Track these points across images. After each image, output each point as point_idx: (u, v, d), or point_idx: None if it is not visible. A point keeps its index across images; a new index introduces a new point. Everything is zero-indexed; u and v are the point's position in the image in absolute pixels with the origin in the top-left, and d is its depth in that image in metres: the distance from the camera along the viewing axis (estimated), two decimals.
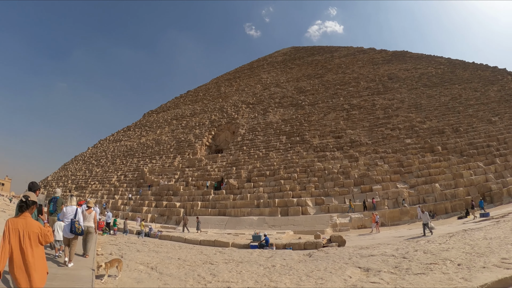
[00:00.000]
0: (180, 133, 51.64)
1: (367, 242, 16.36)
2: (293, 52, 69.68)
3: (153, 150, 50.75)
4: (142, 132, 61.26)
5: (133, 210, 36.93)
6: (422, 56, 52.14)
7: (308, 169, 34.05)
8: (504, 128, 29.65)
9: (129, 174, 47.07)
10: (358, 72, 53.19)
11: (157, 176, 41.65)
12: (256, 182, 34.50)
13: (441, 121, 34.96)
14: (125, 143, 59.85)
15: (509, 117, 30.57)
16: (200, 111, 56.27)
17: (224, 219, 29.88)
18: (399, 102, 41.68)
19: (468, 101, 35.92)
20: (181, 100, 67.47)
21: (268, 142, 41.13)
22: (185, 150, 45.39)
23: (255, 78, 61.29)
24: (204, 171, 38.97)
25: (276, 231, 24.73)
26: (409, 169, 30.16)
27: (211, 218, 30.58)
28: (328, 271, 8.35)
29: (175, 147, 47.74)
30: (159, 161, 46.43)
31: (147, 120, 66.34)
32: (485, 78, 39.18)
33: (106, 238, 18.31)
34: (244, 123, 46.23)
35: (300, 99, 49.46)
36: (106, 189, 46.05)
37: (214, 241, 19.51)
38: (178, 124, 55.65)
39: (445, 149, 31.01)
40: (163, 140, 52.41)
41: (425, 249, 10.29)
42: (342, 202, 28.88)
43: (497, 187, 24.38)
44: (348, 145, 36.26)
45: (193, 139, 47.37)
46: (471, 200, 24.07)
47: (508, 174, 25.14)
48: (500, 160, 26.78)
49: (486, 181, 25.68)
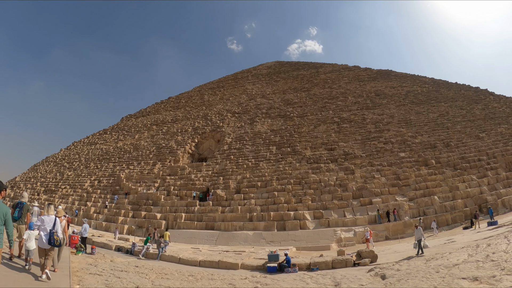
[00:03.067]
0: (161, 139, 50.02)
1: (395, 256, 16.23)
2: (277, 66, 71.75)
3: (130, 155, 48.88)
4: (120, 136, 59.55)
5: (108, 219, 34.40)
6: (406, 75, 56.16)
7: (302, 180, 34.19)
8: (492, 143, 32.36)
9: (103, 179, 44.75)
10: (345, 88, 55.68)
11: (135, 183, 39.54)
12: (246, 194, 33.88)
13: (432, 136, 37.29)
14: (100, 147, 57.95)
15: (495, 133, 33.54)
16: (183, 118, 55.24)
17: (214, 233, 28.59)
18: (389, 117, 43.98)
19: (456, 118, 38.92)
20: (162, 106, 66.40)
21: (257, 152, 40.98)
22: (166, 157, 43.80)
23: (240, 89, 61.85)
24: (187, 180, 37.60)
25: (277, 248, 23.99)
26: (406, 182, 31.43)
27: (199, 233, 29.16)
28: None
29: (155, 153, 45.98)
30: (137, 167, 44.53)
31: (125, 124, 64.61)
32: (469, 97, 42.97)
33: (83, 261, 14.02)
34: (230, 132, 45.88)
35: (288, 110, 50.40)
36: (78, 195, 43.45)
37: (218, 262, 17.21)
38: (158, 130, 54.08)
39: (439, 162, 32.91)
40: (142, 145, 50.48)
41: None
42: (341, 216, 29.06)
43: (492, 198, 26.20)
44: (342, 157, 37.15)
45: (175, 145, 45.96)
46: (476, 209, 25.61)
47: (500, 186, 27.21)
48: (492, 173, 28.97)
49: (481, 193, 27.50)
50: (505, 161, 29.29)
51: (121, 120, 69.78)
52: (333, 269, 14.86)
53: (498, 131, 33.93)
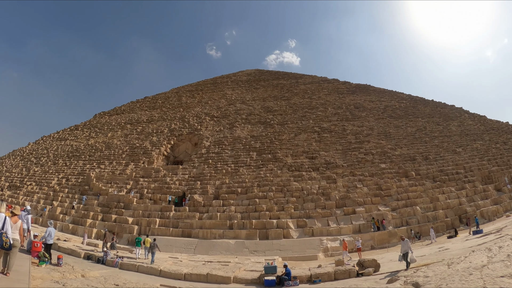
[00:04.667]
0: (135, 138, 47.45)
1: (395, 264, 15.79)
2: (257, 74, 71.89)
3: (102, 154, 46.05)
4: (91, 133, 56.33)
5: (75, 221, 31.47)
6: (384, 90, 58.44)
7: (284, 188, 33.62)
8: (468, 158, 34.04)
9: (72, 178, 41.61)
10: (324, 99, 56.66)
11: (105, 184, 36.79)
12: (226, 200, 32.60)
13: (411, 149, 38.55)
14: (71, 143, 54.42)
15: (471, 149, 35.39)
16: (159, 118, 53.08)
17: (192, 241, 26.86)
18: (369, 129, 45.07)
19: (433, 133, 40.72)
20: (138, 105, 63.76)
21: (237, 157, 39.97)
22: (140, 158, 41.41)
23: (219, 93, 60.91)
24: (162, 183, 35.58)
25: (263, 258, 22.88)
26: (388, 193, 31.90)
27: (175, 240, 27.26)
28: None
29: (128, 153, 43.39)
30: (108, 166, 41.78)
31: (98, 121, 61.29)
32: (445, 114, 45.38)
33: (47, 276, 11.06)
34: (208, 135, 44.54)
35: (268, 117, 50.13)
36: (44, 193, 39.97)
37: (207, 275, 15.56)
38: (132, 129, 51.45)
39: (419, 174, 33.91)
40: (115, 144, 47.61)
41: None
42: (325, 225, 28.66)
43: (472, 209, 27.27)
44: (323, 166, 37.16)
45: (149, 146, 43.70)
46: (466, 217, 26.35)
47: (478, 198, 28.44)
48: (470, 186, 30.28)
49: (460, 204, 28.54)
50: (481, 175, 30.79)
51: (94, 117, 66.64)
52: (336, 281, 14.25)
53: (474, 147, 35.87)
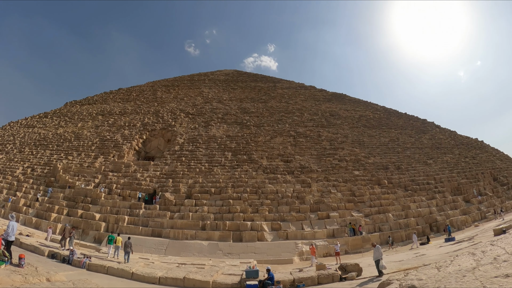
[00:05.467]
0: (106, 130, 44.59)
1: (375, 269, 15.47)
2: (235, 75, 71.10)
3: (71, 145, 42.97)
4: (61, 122, 52.56)
5: (39, 215, 28.75)
6: (359, 100, 59.94)
7: (259, 190, 32.96)
8: (439, 170, 35.39)
9: (38, 168, 38.38)
10: (301, 105, 57.02)
11: (72, 176, 34.06)
12: (198, 200, 31.28)
13: (384, 158, 39.47)
14: (39, 131, 50.41)
15: (441, 161, 36.89)
16: (132, 111, 50.42)
17: (163, 241, 25.27)
18: (343, 137, 45.74)
19: (405, 144, 42.07)
20: (111, 96, 60.39)
21: (211, 157, 38.74)
22: (110, 151, 38.86)
23: (195, 90, 59.23)
24: (132, 178, 33.52)
25: (238, 261, 21.88)
26: (361, 199, 32.23)
27: (145, 240, 25.50)
28: None
29: (98, 145, 40.65)
30: (76, 158, 38.90)
31: (68, 110, 57.29)
32: (417, 128, 47.20)
33: (6, 279, 9.39)
34: (182, 132, 42.87)
35: (245, 118, 49.41)
36: (7, 182, 36.53)
37: (184, 280, 14.25)
38: (104, 121, 48.42)
39: (391, 183, 34.68)
40: (85, 135, 44.53)
41: None
42: (300, 228, 28.34)
43: (442, 218, 28.17)
44: (298, 170, 37.00)
45: (120, 140, 41.17)
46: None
47: (448, 208, 29.48)
48: (440, 196, 31.37)
49: (430, 213, 29.44)
50: (451, 186, 32.07)
51: (65, 105, 62.62)
52: (319, 285, 13.66)
53: (444, 160, 37.44)
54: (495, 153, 47.50)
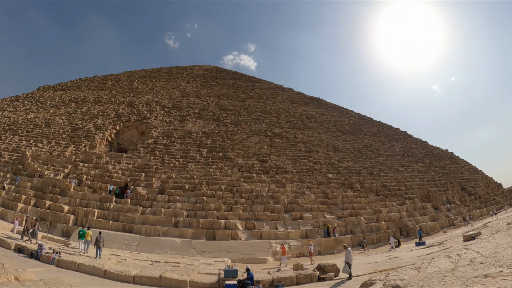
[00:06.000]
0: (78, 119, 41.91)
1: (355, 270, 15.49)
2: (214, 71, 70.01)
3: (41, 131, 39.84)
4: (32, 107, 48.67)
5: (4, 204, 26.41)
6: (335, 106, 61.13)
7: (234, 188, 32.47)
8: (410, 177, 36.73)
9: (5, 154, 35.20)
10: (278, 106, 57.17)
11: (41, 165, 31.59)
12: (171, 195, 30.24)
13: (357, 163, 40.37)
14: (8, 115, 46.33)
15: (412, 169, 38.31)
16: (106, 101, 47.84)
17: (134, 237, 23.99)
18: (318, 140, 46.34)
19: (378, 151, 43.32)
20: (86, 83, 57.01)
21: (186, 152, 37.66)
22: (81, 140, 36.59)
23: (173, 83, 57.50)
24: (103, 170, 31.71)
25: (212, 259, 21.20)
26: (334, 201, 32.69)
27: (116, 235, 24.04)
28: None
29: (70, 134, 38.13)
30: (46, 146, 36.16)
31: (41, 95, 53.13)
32: (390, 136, 48.80)
33: None
34: (157, 125, 41.33)
35: (222, 115, 48.68)
36: None
37: (160, 279, 13.36)
38: (77, 108, 45.52)
39: (363, 187, 35.49)
40: (56, 122, 41.53)
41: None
42: (273, 228, 28.22)
43: (411, 223, 29.05)
44: (274, 170, 36.92)
45: (93, 129, 38.87)
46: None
47: (417, 214, 30.58)
48: (410, 202, 32.52)
49: (400, 218, 30.37)
50: (421, 193, 33.35)
51: (38, 89, 58.36)
52: (298, 285, 13.46)
53: (415, 168, 38.93)
54: (464, 165, 50.27)
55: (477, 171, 51.13)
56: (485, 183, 46.02)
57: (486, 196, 41.56)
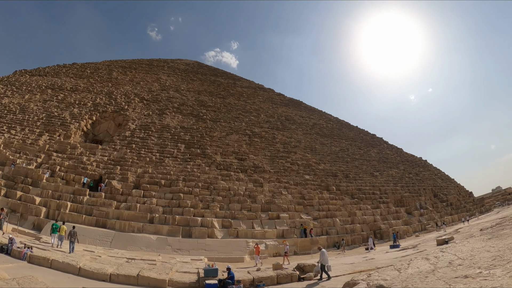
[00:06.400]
0: (54, 106, 39.36)
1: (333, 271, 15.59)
2: (196, 66, 68.76)
3: (15, 118, 36.97)
4: (7, 91, 44.97)
5: None
6: (314, 109, 61.92)
7: (211, 186, 31.98)
8: (384, 182, 37.84)
9: None
10: (258, 105, 57.10)
11: (13, 153, 29.36)
12: (147, 191, 29.29)
13: (334, 166, 41.07)
14: None
15: (387, 174, 39.50)
16: (83, 89, 45.36)
17: (108, 233, 22.90)
18: (297, 141, 46.72)
19: (354, 155, 44.29)
20: (64, 70, 53.66)
21: (163, 147, 36.63)
22: (56, 129, 34.46)
23: (153, 76, 55.78)
24: (78, 162, 30.12)
25: (189, 257, 20.62)
26: (310, 202, 33.04)
27: (89, 230, 22.79)
28: None
29: (44, 121, 35.71)
30: (19, 133, 33.64)
31: (17, 79, 49.14)
32: (366, 141, 50.04)
33: None
34: (135, 118, 39.89)
35: (201, 111, 47.88)
36: None
37: (138, 277, 12.72)
38: (53, 95, 42.69)
39: (339, 190, 36.14)
40: (31, 108, 38.67)
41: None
42: (250, 227, 28.06)
43: (385, 226, 29.92)
44: (252, 169, 36.78)
45: (68, 118, 36.73)
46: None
47: (391, 218, 31.54)
48: (384, 206, 33.49)
49: (375, 221, 31.18)
50: (394, 198, 34.45)
51: (14, 73, 54.23)
52: (279, 285, 13.37)
53: (390, 173, 40.16)
54: (437, 172, 52.49)
55: (449, 179, 53.60)
56: (457, 191, 48.37)
57: (458, 204, 43.69)
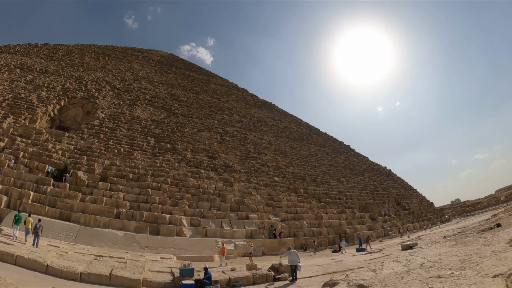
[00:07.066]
0: (21, 87, 35.64)
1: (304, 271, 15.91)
2: (171, 59, 66.66)
3: None
4: None
5: None
6: (286, 113, 62.79)
7: (180, 183, 31.33)
8: (350, 188, 39.32)
9: None
10: (232, 104, 56.81)
11: None
12: (114, 184, 27.95)
13: (302, 170, 41.96)
14: None
15: (353, 181, 41.06)
16: (53, 72, 41.75)
17: (73, 227, 21.44)
18: (267, 143, 47.14)
19: (322, 160, 45.56)
20: (35, 50, 48.81)
21: (133, 139, 35.18)
22: (22, 112, 31.37)
23: (126, 65, 53.09)
24: (43, 149, 27.87)
25: (158, 256, 19.93)
26: (279, 204, 33.53)
27: (52, 223, 21.15)
28: None
29: (10, 103, 32.19)
30: None
31: None
32: (334, 148, 51.62)
33: None
34: (105, 107, 37.77)
35: (173, 105, 46.66)
36: None
37: (111, 277, 12.00)
38: (21, 76, 38.59)
39: (306, 193, 37.01)
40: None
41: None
42: (219, 226, 27.88)
43: (350, 231, 31.12)
44: (222, 168, 36.54)
45: (35, 101, 33.61)
46: (353, 237, 29.22)
47: (356, 223, 32.89)
48: (349, 211, 34.81)
49: (340, 225, 32.31)
50: (359, 204, 35.93)
51: None
52: (254, 285, 13.46)
53: (355, 180, 41.76)
54: (400, 182, 55.41)
55: (412, 189, 56.87)
56: (419, 201, 51.51)
57: (419, 212, 46.57)
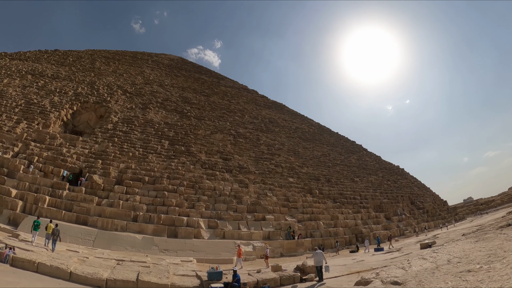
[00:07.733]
0: (34, 93, 36.19)
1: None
2: (180, 62, 66.94)
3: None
4: None
5: None
6: (297, 113, 62.35)
7: (196, 185, 31.17)
8: (364, 188, 38.70)
9: None
10: (243, 106, 56.65)
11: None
12: (130, 187, 27.94)
13: (316, 170, 41.47)
14: None
15: (367, 181, 40.43)
16: (65, 77, 42.29)
17: (90, 231, 21.39)
18: (280, 144, 46.77)
19: (336, 161, 44.98)
20: (45, 56, 49.65)
21: (147, 142, 35.23)
22: (35, 117, 31.78)
23: (136, 69, 53.45)
24: (57, 153, 28.05)
25: (178, 259, 19.73)
26: (294, 205, 33.10)
27: (70, 227, 21.13)
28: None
29: (23, 108, 32.69)
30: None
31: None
32: (347, 147, 51.00)
33: None
34: (118, 111, 37.98)
35: (186, 108, 46.68)
36: None
37: (138, 283, 11.61)
38: (33, 82, 39.23)
39: (321, 193, 36.50)
40: (9, 94, 35.13)
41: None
42: (236, 228, 27.58)
43: (366, 230, 30.52)
44: (237, 169, 36.31)
45: (48, 106, 34.03)
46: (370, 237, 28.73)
47: (371, 222, 32.23)
48: (364, 211, 34.16)
49: (356, 225, 31.72)
50: (374, 204, 35.30)
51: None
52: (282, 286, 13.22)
53: (369, 179, 41.11)
54: (414, 181, 54.52)
55: (425, 188, 55.89)
56: (432, 200, 50.62)
57: (433, 211, 45.74)
